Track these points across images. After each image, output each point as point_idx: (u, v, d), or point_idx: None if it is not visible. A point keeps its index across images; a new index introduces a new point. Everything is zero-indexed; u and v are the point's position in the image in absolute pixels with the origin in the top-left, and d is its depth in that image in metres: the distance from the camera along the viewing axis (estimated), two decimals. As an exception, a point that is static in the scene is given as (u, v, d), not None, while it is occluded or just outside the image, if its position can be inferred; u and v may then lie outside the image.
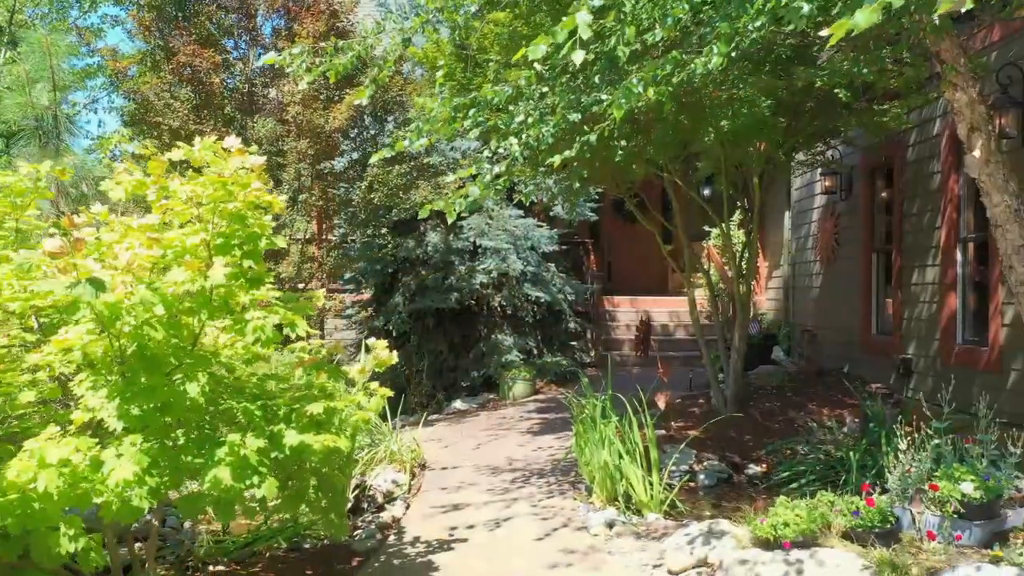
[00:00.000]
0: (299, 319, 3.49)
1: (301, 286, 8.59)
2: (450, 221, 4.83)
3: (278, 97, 8.47)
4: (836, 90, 5.67)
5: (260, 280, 3.54)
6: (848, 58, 5.47)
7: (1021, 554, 3.75)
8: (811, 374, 9.59)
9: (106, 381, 3.19)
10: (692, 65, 3.73)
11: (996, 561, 3.72)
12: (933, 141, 7.60)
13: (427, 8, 4.97)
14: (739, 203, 9.52)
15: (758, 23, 3.35)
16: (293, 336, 3.55)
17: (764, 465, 6.51)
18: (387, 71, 5.29)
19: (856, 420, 6.89)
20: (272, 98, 8.52)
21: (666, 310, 12.98)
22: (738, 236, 10.30)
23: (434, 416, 9.61)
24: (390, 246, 10.15)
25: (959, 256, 7.16)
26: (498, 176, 4.75)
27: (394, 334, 10.57)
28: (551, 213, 11.33)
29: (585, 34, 3.02)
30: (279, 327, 3.56)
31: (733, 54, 3.62)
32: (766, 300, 13.23)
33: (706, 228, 12.08)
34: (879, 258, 8.97)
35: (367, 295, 11.50)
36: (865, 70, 5.36)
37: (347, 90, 8.42)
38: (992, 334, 6.57)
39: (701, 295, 9.70)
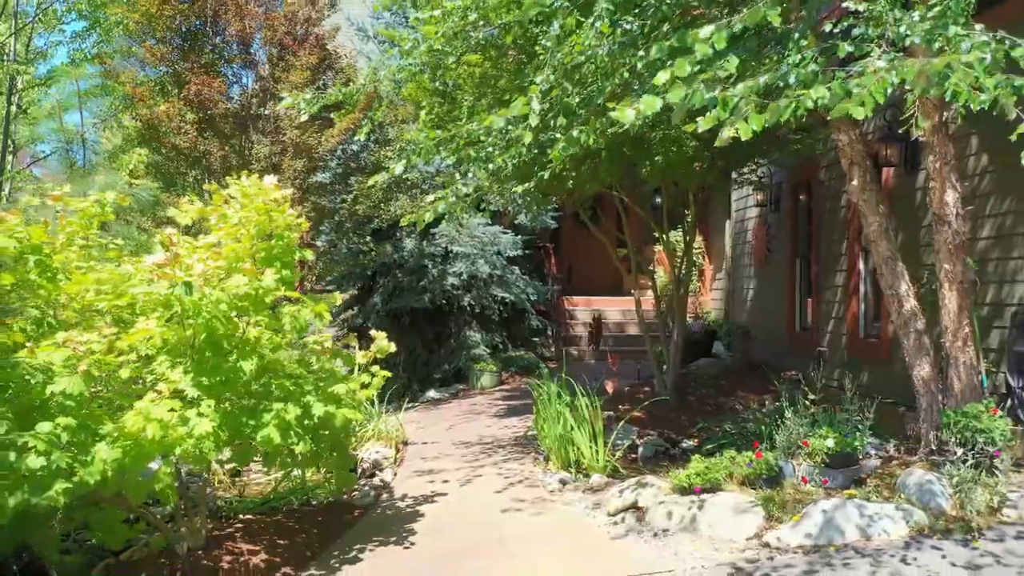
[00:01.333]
0: (325, 310, 4.60)
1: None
2: (419, 229, 5.97)
3: (271, 116, 9.47)
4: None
5: (292, 283, 4.63)
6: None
7: (868, 493, 4.99)
8: (744, 366, 10.87)
9: (181, 361, 4.27)
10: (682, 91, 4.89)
11: (850, 498, 4.94)
12: (839, 165, 8.90)
13: (416, 61, 6.07)
14: (686, 213, 10.76)
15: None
16: (319, 324, 4.65)
17: (696, 440, 7.69)
18: (381, 113, 6.41)
19: (775, 402, 8.14)
20: (267, 116, 9.51)
21: (620, 309, 14.20)
22: (679, 243, 11.53)
23: (410, 405, 10.70)
24: (372, 252, 11.25)
25: (861, 265, 8.46)
26: (466, 195, 5.96)
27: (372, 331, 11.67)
28: (516, 221, 12.48)
29: (534, 121, 4.16)
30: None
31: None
32: (711, 300, 14.52)
33: (655, 235, 13.31)
34: (802, 264, 10.28)
35: (347, 296, 12.55)
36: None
37: (333, 113, 9.46)
38: (883, 330, 7.88)
39: (652, 296, 10.94)
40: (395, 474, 7.00)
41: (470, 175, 6.20)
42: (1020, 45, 3.66)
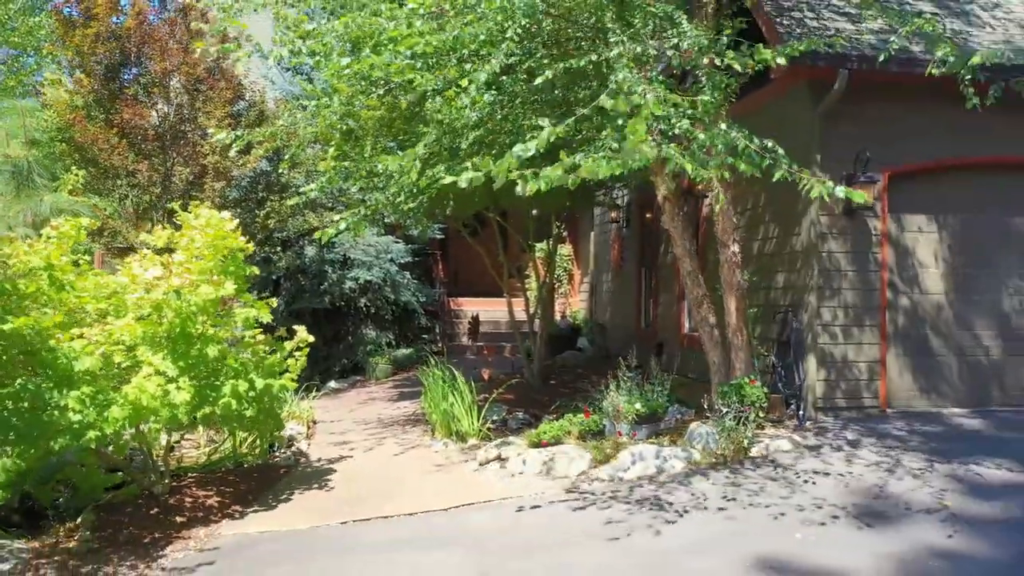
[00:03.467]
0: (266, 311, 6.15)
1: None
2: (323, 241, 7.56)
3: (191, 141, 10.71)
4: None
5: (244, 291, 6.16)
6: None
7: (664, 441, 6.97)
8: (601, 357, 12.93)
9: (159, 349, 5.73)
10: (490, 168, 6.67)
11: (652, 445, 6.89)
12: (672, 193, 11.03)
13: (332, 112, 7.63)
14: (557, 226, 12.68)
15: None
16: (263, 321, 6.19)
17: (554, 415, 9.58)
18: (301, 150, 7.95)
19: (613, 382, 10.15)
20: (187, 141, 10.72)
21: (499, 310, 16.02)
22: (544, 251, 13.46)
23: (314, 394, 12.14)
24: (282, 261, 12.62)
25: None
26: (366, 215, 7.67)
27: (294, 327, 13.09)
28: (408, 232, 14.10)
29: (413, 176, 5.86)
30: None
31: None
32: (578, 302, 16.60)
33: (531, 243, 15.24)
34: (646, 272, 12.41)
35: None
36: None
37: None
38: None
39: (530, 297, 12.82)
40: (309, 445, 8.54)
41: (370, 199, 7.95)
42: (740, 135, 5.66)
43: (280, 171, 9.14)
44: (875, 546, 4.69)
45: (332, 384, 12.84)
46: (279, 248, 12.76)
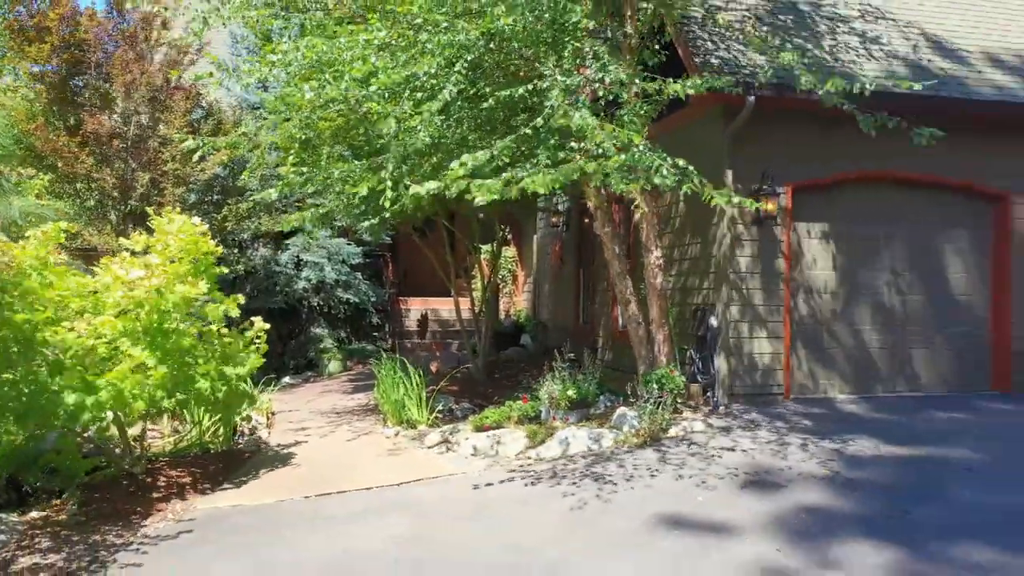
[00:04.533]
0: (234, 306, 6.84)
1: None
2: (277, 237, 8.28)
3: (151, 148, 11.22)
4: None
5: (214, 290, 6.84)
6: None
7: (594, 424, 7.84)
8: (542, 353, 13.78)
9: (138, 341, 6.38)
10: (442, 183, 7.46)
11: (583, 427, 7.76)
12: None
13: (293, 126, 8.30)
14: (502, 230, 13.51)
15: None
16: (232, 315, 6.87)
17: (497, 404, 10.41)
18: (262, 161, 8.62)
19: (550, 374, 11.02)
20: (147, 148, 11.23)
21: (447, 309, 16.80)
22: (489, 253, 14.28)
23: (272, 388, 12.75)
24: (239, 262, 13.19)
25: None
26: (323, 215, 8.44)
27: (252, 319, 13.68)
28: (359, 236, 14.78)
29: (363, 190, 6.62)
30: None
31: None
32: (523, 300, 17.47)
33: (478, 246, 16.06)
34: (583, 274, 13.32)
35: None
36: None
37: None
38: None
39: (476, 297, 13.63)
40: (269, 433, 9.21)
41: (326, 200, 8.71)
42: (656, 156, 6.55)
43: (241, 177, 9.76)
44: (760, 505, 5.62)
45: (287, 379, 13.46)
46: (236, 249, 13.33)
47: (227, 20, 8.52)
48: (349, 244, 14.80)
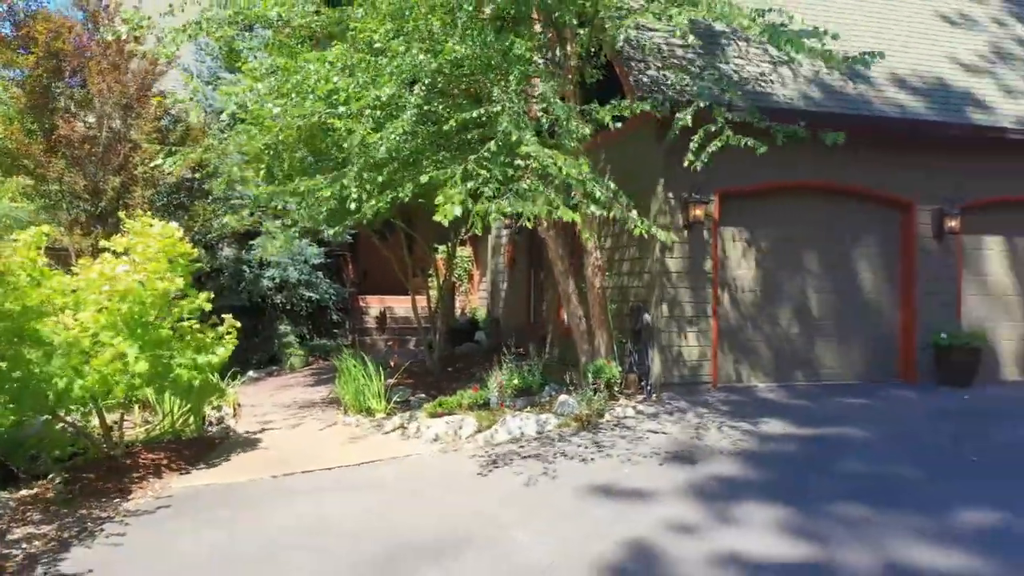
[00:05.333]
0: (206, 301, 7.48)
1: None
2: (266, 258, 8.91)
3: (121, 152, 11.74)
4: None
5: (189, 285, 7.47)
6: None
7: (538, 410, 8.63)
8: (495, 348, 14.51)
9: (119, 333, 6.99)
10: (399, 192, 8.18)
11: (528, 412, 8.54)
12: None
13: (262, 142, 8.93)
14: (458, 232, 14.19)
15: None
16: (205, 310, 7.51)
17: (450, 394, 11.13)
18: (231, 171, 9.25)
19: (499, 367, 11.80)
20: (117, 152, 11.75)
21: (405, 306, 17.49)
22: (446, 253, 14.96)
23: (235, 383, 13.32)
24: (203, 262, 13.71)
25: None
26: (293, 225, 9.07)
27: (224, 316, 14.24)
28: (321, 236, 15.38)
29: (325, 191, 7.32)
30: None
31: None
32: (478, 299, 18.21)
33: (434, 247, 16.77)
34: (534, 274, 14.11)
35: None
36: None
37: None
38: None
39: (433, 295, 14.33)
40: (236, 422, 9.83)
41: (292, 206, 9.37)
42: (592, 181, 7.34)
43: (208, 182, 10.35)
44: (677, 476, 6.45)
45: (251, 374, 14.02)
46: (202, 249, 13.84)
47: (195, 36, 9.11)
48: (311, 245, 15.39)
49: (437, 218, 6.52)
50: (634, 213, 7.45)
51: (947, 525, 5.23)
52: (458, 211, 6.72)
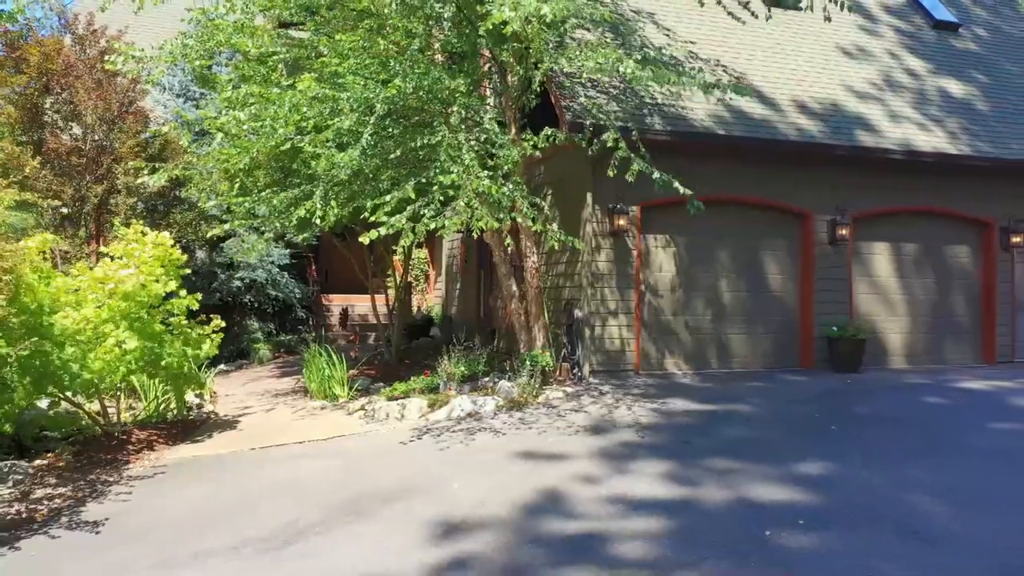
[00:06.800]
0: (194, 301, 8.70)
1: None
2: (250, 260, 10.11)
3: (103, 163, 12.81)
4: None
5: (180, 287, 8.68)
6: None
7: (481, 393, 9.97)
8: (448, 343, 15.82)
9: (120, 326, 8.17)
10: (362, 204, 9.45)
11: (472, 395, 9.87)
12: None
13: (237, 162, 10.12)
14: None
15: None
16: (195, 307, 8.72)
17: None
18: (205, 184, 10.44)
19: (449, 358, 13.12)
20: (100, 163, 12.80)
21: (366, 304, 18.71)
22: (402, 254, 16.24)
23: (209, 374, 14.45)
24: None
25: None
26: (261, 233, 10.33)
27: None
28: (286, 239, 16.55)
29: (320, 215, 8.60)
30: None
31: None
32: (434, 297, 19.50)
33: (392, 249, 18.01)
34: (483, 273, 15.45)
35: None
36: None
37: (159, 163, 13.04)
38: (520, 315, 13.12)
39: (391, 294, 15.60)
40: (214, 408, 11.02)
41: (264, 215, 10.61)
42: (521, 197, 8.71)
43: (187, 191, 11.57)
44: (592, 443, 7.83)
45: (223, 366, 15.14)
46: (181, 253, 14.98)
47: (174, 62, 10.26)
48: (277, 247, 16.55)
49: (361, 239, 7.87)
50: (554, 226, 8.85)
51: (790, 472, 6.68)
52: (383, 230, 8.08)
